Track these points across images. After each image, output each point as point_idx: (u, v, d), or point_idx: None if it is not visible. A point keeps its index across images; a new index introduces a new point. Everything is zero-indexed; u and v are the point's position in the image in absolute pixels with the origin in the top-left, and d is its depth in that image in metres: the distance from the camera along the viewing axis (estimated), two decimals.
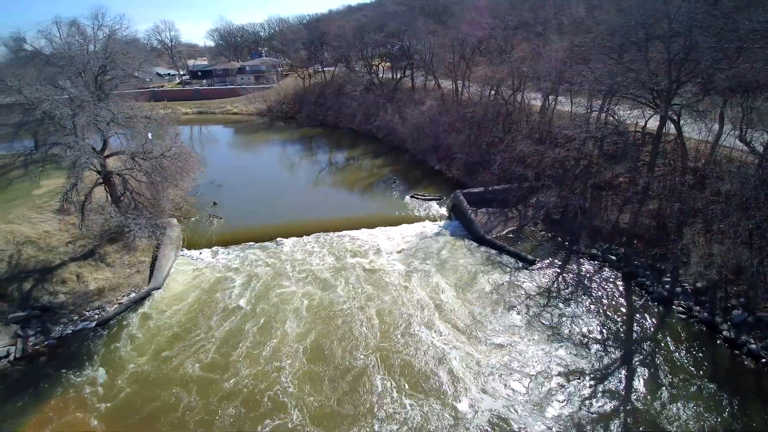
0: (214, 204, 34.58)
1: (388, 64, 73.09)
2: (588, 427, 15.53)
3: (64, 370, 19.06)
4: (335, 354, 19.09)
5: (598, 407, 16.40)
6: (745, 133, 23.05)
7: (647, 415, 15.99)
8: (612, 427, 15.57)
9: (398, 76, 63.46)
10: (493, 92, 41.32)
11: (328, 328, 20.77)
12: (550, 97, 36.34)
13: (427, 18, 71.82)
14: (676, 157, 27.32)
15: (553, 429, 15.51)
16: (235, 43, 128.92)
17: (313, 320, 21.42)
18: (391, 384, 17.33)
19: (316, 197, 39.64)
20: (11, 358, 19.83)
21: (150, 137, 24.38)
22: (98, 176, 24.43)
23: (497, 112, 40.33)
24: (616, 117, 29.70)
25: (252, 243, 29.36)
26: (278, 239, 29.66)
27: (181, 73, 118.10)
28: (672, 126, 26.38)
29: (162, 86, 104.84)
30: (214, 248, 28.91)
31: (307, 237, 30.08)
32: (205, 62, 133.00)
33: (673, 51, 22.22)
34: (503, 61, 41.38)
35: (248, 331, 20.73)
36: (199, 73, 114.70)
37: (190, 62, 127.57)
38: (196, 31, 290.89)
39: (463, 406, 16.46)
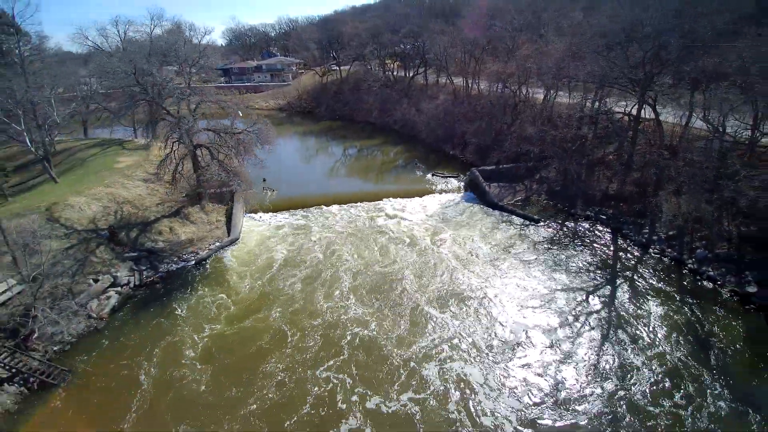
0: (264, 180, 40.14)
1: (398, 63, 78.97)
2: (583, 318, 21.36)
3: (173, 296, 24.59)
4: (391, 291, 24.15)
5: (591, 308, 22.24)
6: (707, 115, 28.90)
7: (628, 313, 21.78)
8: (601, 319, 21.40)
9: (411, 74, 69.24)
10: (501, 86, 47.11)
11: (381, 271, 26.05)
12: (551, 91, 42.19)
13: (437, 20, 77.66)
14: (655, 136, 33.17)
15: (555, 320, 21.26)
16: (249, 43, 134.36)
17: (365, 265, 26.79)
18: (440, 311, 22.60)
19: (349, 176, 45.48)
20: (131, 285, 25.40)
21: (240, 114, 29.84)
22: (187, 149, 29.92)
23: (505, 103, 46.17)
24: (607, 106, 35.63)
25: (302, 209, 35.02)
26: (323, 206, 35.35)
27: None
28: (653, 112, 32.27)
29: (179, 83, 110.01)
30: (273, 213, 34.53)
31: (348, 205, 35.75)
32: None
33: (645, 49, 28.09)
34: (510, 58, 47.25)
35: (315, 273, 26.11)
36: None
37: None
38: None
39: (496, 314, 22.21)
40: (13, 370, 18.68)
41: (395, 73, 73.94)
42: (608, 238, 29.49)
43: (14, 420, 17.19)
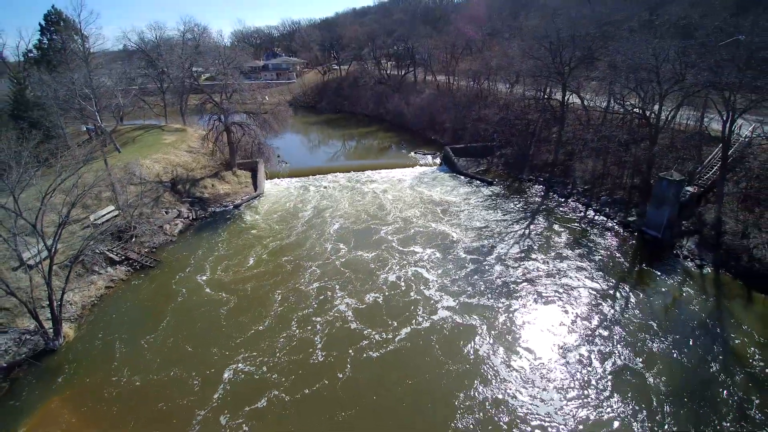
0: (279, 156, 49.83)
1: (391, 62, 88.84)
2: (506, 235, 31.15)
3: (219, 226, 34.22)
4: (376, 233, 33.48)
5: (514, 229, 32.00)
6: (618, 99, 38.59)
7: (539, 232, 31.50)
8: (519, 234, 31.14)
9: (402, 72, 79.07)
10: (473, 81, 56.98)
11: (369, 218, 35.52)
12: (508, 83, 51.98)
13: (426, 24, 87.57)
14: (583, 119, 42.98)
15: (486, 237, 30.94)
16: (255, 44, 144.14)
17: (357, 214, 36.23)
18: (408, 243, 32.40)
19: (348, 154, 55.44)
20: (190, 218, 35.08)
21: (267, 99, 39.41)
22: (225, 126, 39.57)
23: (475, 95, 55.99)
24: (548, 95, 45.47)
25: (310, 176, 44.74)
26: (327, 174, 45.06)
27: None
28: (579, 98, 42.10)
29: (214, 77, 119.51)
30: (287, 178, 44.24)
31: (347, 174, 45.45)
32: None
33: (561, 50, 38.10)
34: (480, 58, 57.15)
35: (319, 217, 35.68)
36: None
37: None
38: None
39: (447, 240, 31.91)
40: (123, 257, 28.33)
41: (389, 71, 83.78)
42: (541, 193, 39.28)
43: (129, 286, 26.74)
